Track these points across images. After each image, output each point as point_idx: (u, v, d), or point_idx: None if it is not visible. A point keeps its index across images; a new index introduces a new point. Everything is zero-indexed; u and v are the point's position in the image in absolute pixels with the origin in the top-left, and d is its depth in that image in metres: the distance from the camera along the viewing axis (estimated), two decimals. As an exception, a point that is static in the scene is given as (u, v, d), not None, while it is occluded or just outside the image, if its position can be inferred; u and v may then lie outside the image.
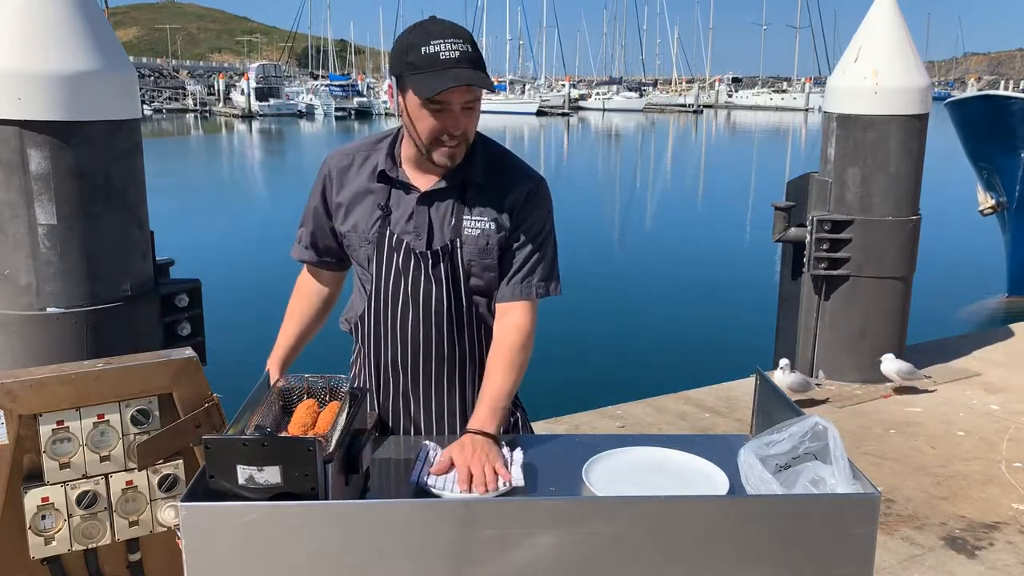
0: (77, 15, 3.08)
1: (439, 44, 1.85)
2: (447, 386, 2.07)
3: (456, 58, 1.84)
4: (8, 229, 3.06)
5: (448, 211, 2.01)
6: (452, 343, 2.04)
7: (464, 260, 2.00)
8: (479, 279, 2.03)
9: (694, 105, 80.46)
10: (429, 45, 1.85)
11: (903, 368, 5.44)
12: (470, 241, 2.00)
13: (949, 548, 3.68)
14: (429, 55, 1.84)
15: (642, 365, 5.33)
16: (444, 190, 2.01)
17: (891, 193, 5.59)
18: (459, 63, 1.84)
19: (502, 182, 2.03)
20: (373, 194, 2.04)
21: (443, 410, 2.08)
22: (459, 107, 1.89)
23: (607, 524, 1.46)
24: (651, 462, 1.86)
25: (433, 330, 2.02)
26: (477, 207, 2.00)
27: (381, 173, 2.02)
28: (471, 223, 2.00)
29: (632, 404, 5.41)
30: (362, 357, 2.14)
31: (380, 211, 2.02)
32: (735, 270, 13.58)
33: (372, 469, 1.80)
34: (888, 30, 5.67)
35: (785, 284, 6.21)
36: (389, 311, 2.03)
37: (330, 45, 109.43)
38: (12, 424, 2.03)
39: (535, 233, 2.04)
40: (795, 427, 1.64)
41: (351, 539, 1.45)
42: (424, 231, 2.00)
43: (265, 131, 51.85)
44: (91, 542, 2.15)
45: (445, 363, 2.05)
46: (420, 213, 2.01)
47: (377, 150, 2.07)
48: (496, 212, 2.01)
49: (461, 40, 1.86)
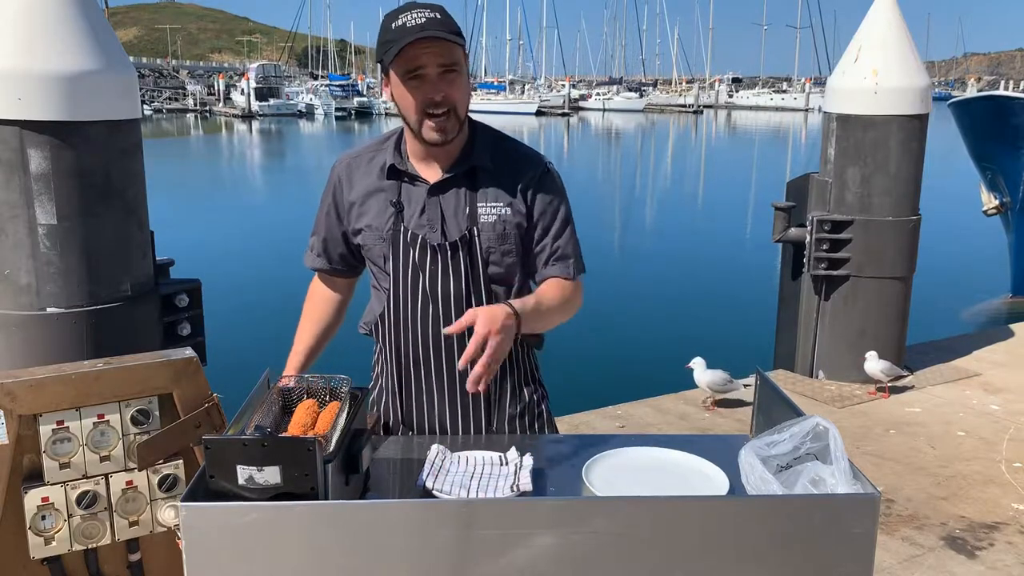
0: (77, 15, 3.08)
1: (405, 16, 1.88)
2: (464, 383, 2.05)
3: (422, 23, 1.85)
4: (8, 229, 3.06)
5: (461, 200, 2.00)
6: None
7: (482, 248, 1.99)
8: (498, 266, 2.02)
9: (694, 105, 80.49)
10: (397, 19, 1.88)
11: (886, 366, 5.46)
12: (487, 228, 1.99)
13: (949, 548, 3.68)
14: (397, 27, 1.87)
15: (642, 365, 5.32)
16: (453, 179, 2.00)
17: (891, 193, 5.59)
18: (424, 27, 1.85)
19: (510, 165, 2.03)
20: (384, 191, 2.03)
21: (468, 405, 2.07)
22: (435, 73, 1.88)
23: (607, 524, 1.46)
24: (651, 462, 1.86)
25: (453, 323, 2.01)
26: (490, 193, 2.00)
27: (391, 168, 2.02)
28: (486, 210, 1.99)
29: (632, 404, 5.42)
30: (383, 357, 2.13)
31: (392, 207, 2.02)
32: (735, 270, 13.59)
33: (372, 469, 1.80)
34: (888, 30, 5.67)
35: (785, 284, 6.21)
36: (408, 308, 2.03)
37: (330, 45, 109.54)
38: (12, 424, 2.03)
39: (557, 215, 2.05)
40: (796, 427, 1.64)
41: (351, 539, 1.45)
42: (438, 223, 2.00)
43: (265, 131, 51.86)
44: (91, 542, 2.15)
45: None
46: (432, 205, 2.00)
47: (383, 148, 2.07)
48: (510, 196, 2.01)
49: (428, 9, 1.88)
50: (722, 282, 12.75)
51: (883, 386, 5.56)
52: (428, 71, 1.88)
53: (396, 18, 1.89)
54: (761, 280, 11.15)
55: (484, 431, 2.08)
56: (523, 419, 2.12)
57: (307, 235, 2.21)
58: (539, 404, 2.16)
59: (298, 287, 2.39)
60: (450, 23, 1.88)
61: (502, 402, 2.09)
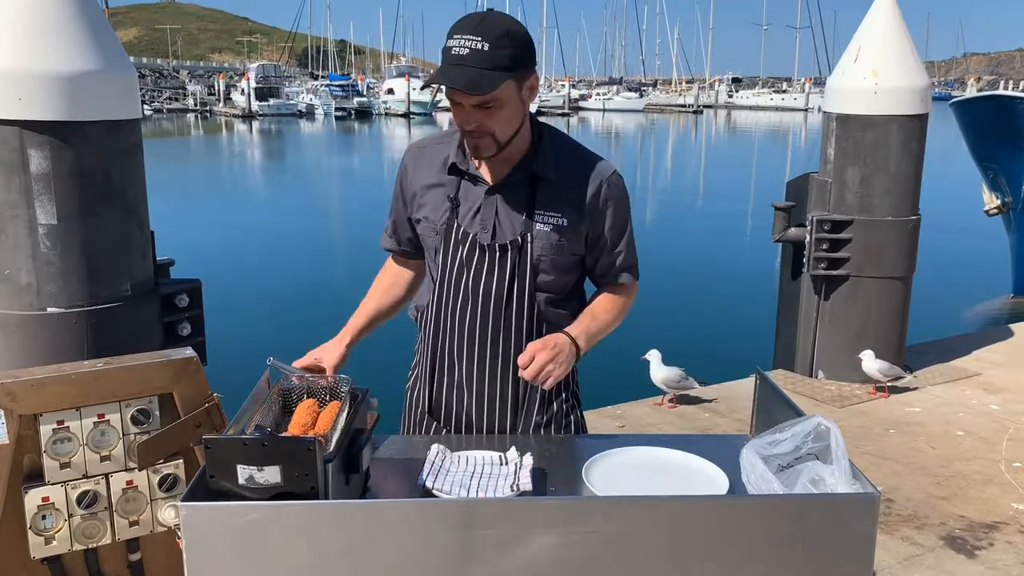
0: (77, 15, 3.08)
1: (456, 39, 1.85)
2: (500, 378, 2.07)
3: (462, 56, 1.82)
4: (8, 229, 3.06)
5: (518, 205, 2.01)
6: (509, 337, 2.04)
7: (533, 255, 2.00)
8: (548, 275, 2.04)
9: (694, 105, 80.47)
10: (452, 38, 1.86)
11: (884, 366, 5.46)
12: (541, 236, 2.00)
13: (949, 548, 3.68)
14: (446, 48, 1.86)
15: (642, 365, 5.31)
16: (514, 184, 2.01)
17: (891, 193, 5.59)
18: (463, 61, 1.82)
19: (575, 178, 2.03)
20: (443, 186, 2.05)
21: (495, 402, 2.08)
22: (470, 105, 1.88)
23: (607, 524, 1.46)
24: (651, 462, 1.86)
25: (491, 322, 2.03)
26: (550, 203, 2.01)
27: (452, 166, 2.04)
28: (543, 219, 2.00)
29: (632, 404, 5.42)
30: (423, 346, 2.16)
31: (449, 203, 2.03)
32: (735, 270, 13.57)
33: (372, 469, 1.80)
34: (888, 30, 5.67)
35: (785, 284, 6.21)
36: (450, 302, 2.05)
37: (330, 45, 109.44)
38: (12, 424, 2.03)
39: (620, 226, 2.08)
40: (798, 427, 1.64)
41: (351, 539, 1.45)
42: (491, 223, 2.01)
43: (265, 131, 51.84)
44: (91, 542, 2.15)
45: (500, 356, 2.05)
46: (488, 206, 2.01)
47: (448, 142, 2.08)
48: (571, 209, 2.01)
49: (478, 38, 1.82)
50: (722, 282, 12.74)
51: (883, 385, 5.56)
52: (463, 105, 1.89)
53: (452, 35, 1.86)
54: (761, 280, 11.15)
55: (508, 432, 2.10)
56: (548, 427, 2.14)
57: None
58: (568, 414, 2.16)
59: (298, 287, 2.39)
60: (493, 56, 1.82)
61: (530, 409, 2.11)
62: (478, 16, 1.87)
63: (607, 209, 2.04)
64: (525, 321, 2.04)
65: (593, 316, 2.09)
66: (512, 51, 1.85)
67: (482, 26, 1.84)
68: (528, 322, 2.04)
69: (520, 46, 1.87)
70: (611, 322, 2.12)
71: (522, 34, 1.89)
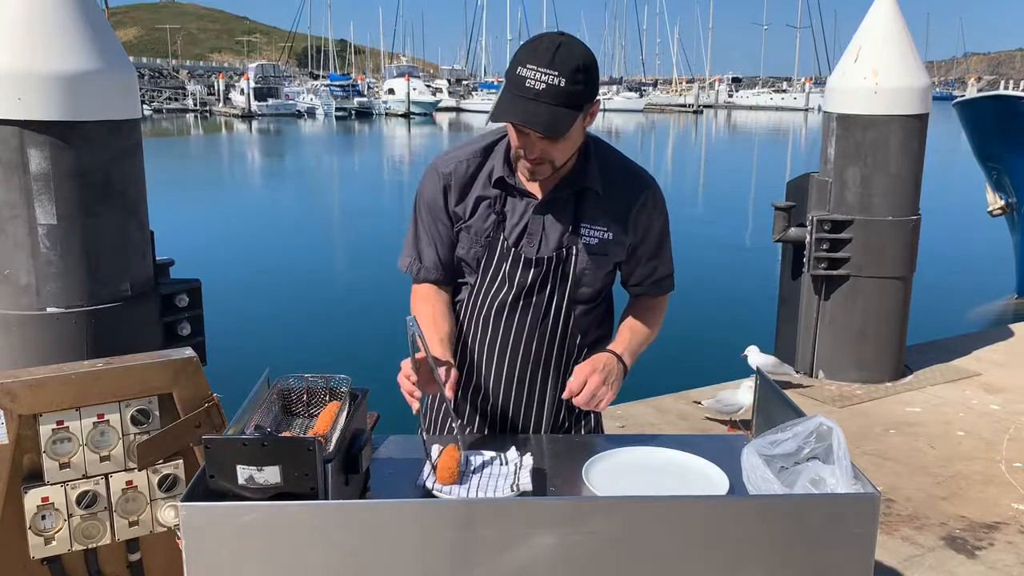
0: (77, 15, 3.08)
1: (531, 70, 1.78)
2: (528, 388, 2.08)
3: (537, 90, 1.77)
4: (8, 229, 3.06)
5: (564, 218, 2.00)
6: (541, 348, 2.05)
7: (576, 268, 2.01)
8: (589, 287, 2.05)
9: (694, 105, 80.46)
10: (525, 67, 1.79)
11: (769, 362, 5.48)
12: (586, 250, 2.00)
13: (949, 548, 3.67)
14: (518, 77, 1.79)
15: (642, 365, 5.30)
16: (561, 198, 2.00)
17: (891, 193, 5.59)
18: (538, 96, 1.78)
19: (619, 190, 2.02)
20: (488, 199, 2.02)
21: (520, 410, 2.10)
22: (536, 136, 1.85)
23: (607, 524, 1.46)
24: (651, 462, 1.86)
25: (525, 333, 2.04)
26: (595, 216, 2.00)
27: (499, 180, 2.00)
28: (588, 232, 2.00)
29: (632, 404, 5.41)
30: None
31: (495, 216, 2.02)
32: (735, 270, 13.57)
33: (372, 469, 1.80)
34: (888, 30, 5.67)
35: (785, 284, 6.21)
36: (485, 309, 2.05)
37: (330, 45, 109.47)
38: (12, 424, 2.03)
39: (659, 237, 2.09)
40: (799, 427, 1.64)
41: (351, 539, 1.45)
42: (537, 238, 2.00)
43: (264, 131, 51.85)
44: (91, 542, 2.15)
45: (530, 366, 2.07)
46: (535, 221, 2.00)
47: (487, 153, 2.04)
48: (615, 222, 2.01)
49: (555, 73, 1.77)
50: (722, 282, 12.73)
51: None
52: (530, 135, 1.86)
53: (525, 63, 1.79)
54: (761, 280, 11.14)
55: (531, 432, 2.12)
56: (569, 432, 2.17)
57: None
58: (590, 413, 2.19)
59: (298, 287, 2.38)
60: (568, 94, 1.78)
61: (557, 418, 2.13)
62: (552, 43, 1.80)
63: (649, 220, 2.05)
64: (559, 333, 2.06)
65: (632, 331, 2.10)
66: (585, 87, 1.82)
67: (557, 58, 1.78)
68: (562, 334, 2.06)
69: (592, 81, 1.84)
70: (650, 335, 2.13)
71: (594, 66, 1.84)
